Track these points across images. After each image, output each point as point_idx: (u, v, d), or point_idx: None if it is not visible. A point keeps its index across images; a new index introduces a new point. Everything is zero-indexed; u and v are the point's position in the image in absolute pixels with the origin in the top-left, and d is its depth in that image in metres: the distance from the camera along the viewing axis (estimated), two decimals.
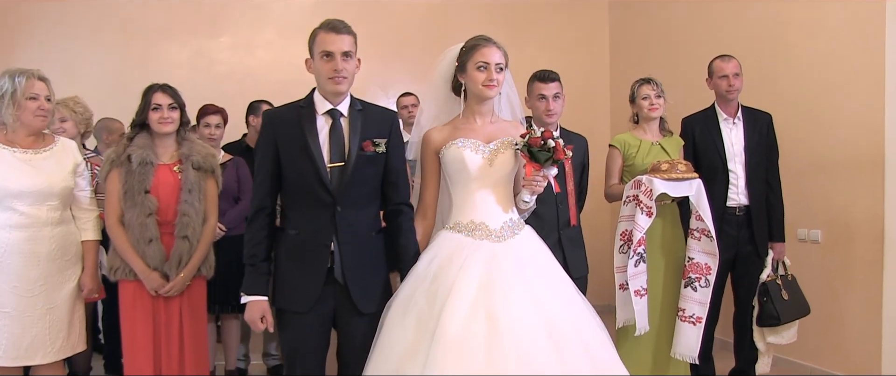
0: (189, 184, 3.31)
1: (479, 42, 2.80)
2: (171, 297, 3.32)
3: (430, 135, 2.88)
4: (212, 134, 4.40)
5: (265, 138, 2.71)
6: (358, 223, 2.70)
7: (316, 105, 2.70)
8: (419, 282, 2.63)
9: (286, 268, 2.70)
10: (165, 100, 3.33)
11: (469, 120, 2.87)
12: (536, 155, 2.70)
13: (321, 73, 2.65)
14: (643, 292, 3.67)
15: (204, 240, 3.38)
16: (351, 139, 2.68)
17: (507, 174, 2.82)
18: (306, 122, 2.65)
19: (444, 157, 2.82)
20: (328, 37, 2.63)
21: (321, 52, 2.62)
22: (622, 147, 3.96)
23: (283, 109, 2.77)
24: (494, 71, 2.76)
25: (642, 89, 3.96)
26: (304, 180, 2.64)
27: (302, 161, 2.63)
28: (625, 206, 3.77)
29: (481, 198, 2.78)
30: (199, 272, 3.40)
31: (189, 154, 3.37)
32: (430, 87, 3.00)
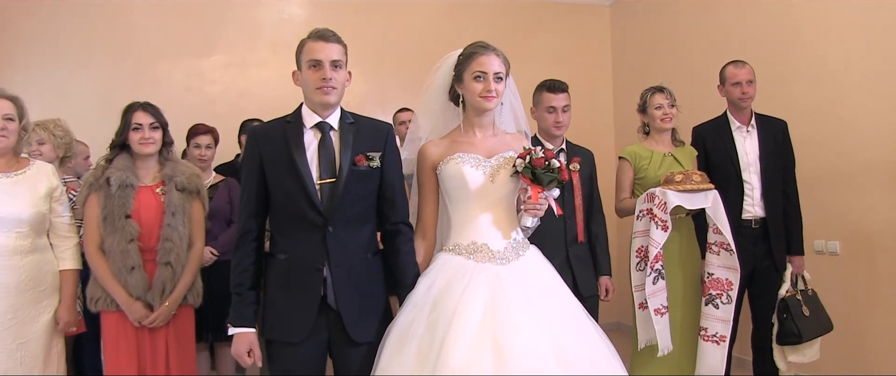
0: (172, 207, 3.13)
1: (476, 50, 2.62)
2: (157, 328, 3.13)
3: (427, 149, 2.70)
4: (202, 154, 4.27)
5: (249, 156, 2.54)
6: (352, 244, 2.51)
7: (303, 119, 2.52)
8: (418, 309, 2.43)
9: (276, 295, 2.50)
10: (146, 120, 3.15)
11: (468, 133, 2.69)
12: (540, 176, 2.51)
13: (309, 84, 2.47)
14: (664, 310, 3.50)
15: (189, 266, 3.19)
16: (342, 154, 2.49)
17: (511, 191, 2.64)
18: (293, 137, 2.47)
19: (442, 173, 2.64)
20: (316, 45, 2.46)
21: (309, 61, 2.46)
22: (633, 159, 3.79)
23: (269, 125, 2.60)
24: (493, 81, 2.58)
25: (654, 98, 3.79)
26: (291, 200, 2.45)
27: (289, 179, 2.45)
28: (638, 221, 3.60)
29: (483, 218, 2.59)
30: (186, 300, 3.21)
31: (172, 175, 3.19)
32: (426, 98, 2.81)
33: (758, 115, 4.02)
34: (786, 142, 4.00)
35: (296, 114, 2.55)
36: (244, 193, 2.54)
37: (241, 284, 2.49)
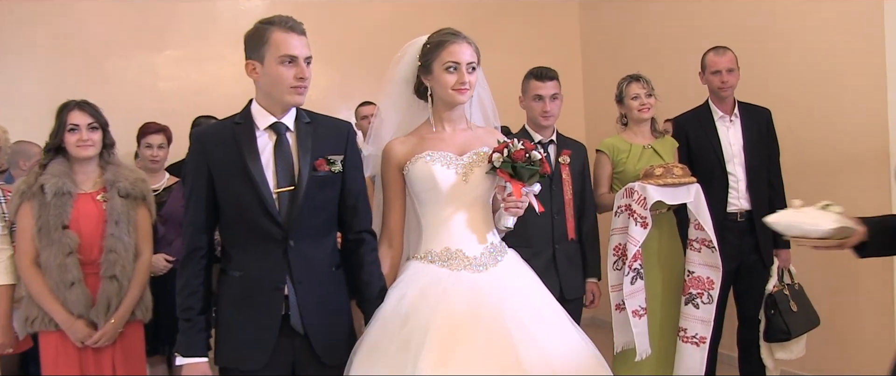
0: (116, 215, 2.87)
1: (446, 37, 2.39)
2: (102, 348, 2.87)
3: (392, 147, 2.47)
4: (154, 155, 4.03)
5: (195, 164, 2.25)
6: (315, 259, 2.27)
7: (255, 119, 2.25)
8: (388, 324, 2.22)
9: (230, 318, 2.24)
10: (84, 120, 2.89)
11: (437, 128, 2.47)
12: (520, 171, 2.29)
13: (280, 81, 2.18)
14: (642, 312, 3.34)
15: (137, 278, 2.94)
16: (301, 158, 2.24)
17: (487, 191, 2.43)
18: (244, 141, 2.21)
19: (410, 174, 2.41)
20: (289, 38, 2.17)
21: (282, 57, 2.16)
22: (611, 152, 3.61)
23: (215, 127, 2.34)
24: (466, 72, 2.36)
25: (631, 88, 3.62)
26: (246, 211, 2.19)
27: (242, 188, 2.18)
28: (616, 218, 3.42)
29: (456, 221, 2.38)
30: (134, 316, 2.96)
31: (114, 180, 2.93)
32: (389, 91, 2.58)
33: (741, 104, 3.86)
34: (770, 131, 3.85)
35: (245, 113, 2.28)
36: (190, 204, 2.25)
37: (190, 308, 2.22)
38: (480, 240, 2.37)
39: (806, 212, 2.01)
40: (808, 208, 2.04)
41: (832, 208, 2.01)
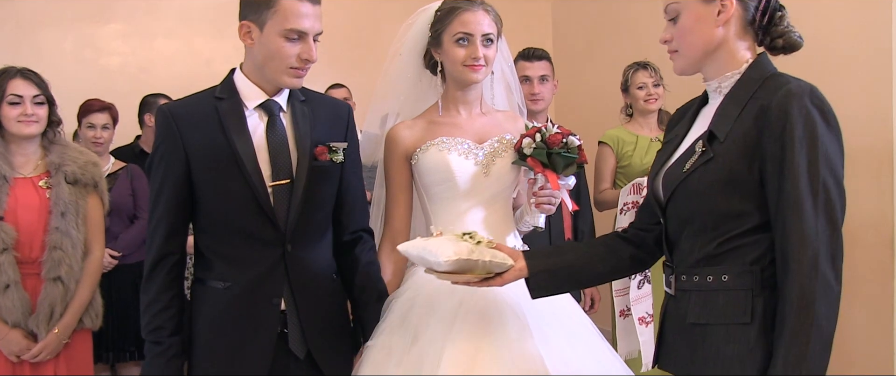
0: (62, 205, 2.46)
1: (459, 4, 2.04)
2: (42, 362, 2.48)
3: (398, 133, 2.10)
4: (97, 136, 3.63)
5: (166, 149, 1.83)
6: (315, 265, 1.90)
7: (242, 95, 1.85)
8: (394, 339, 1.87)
9: (211, 340, 1.85)
10: (28, 91, 2.49)
11: (450, 111, 2.12)
12: (556, 159, 1.97)
13: (279, 57, 1.79)
14: (649, 319, 3.10)
15: (86, 280, 2.54)
16: (298, 144, 1.86)
17: (509, 185, 2.11)
18: (231, 121, 1.81)
19: (420, 164, 2.06)
20: (302, 7, 1.77)
21: (288, 30, 1.76)
22: (615, 145, 3.36)
23: (190, 103, 1.89)
24: (480, 45, 2.01)
25: (637, 76, 3.39)
26: (233, 209, 1.82)
27: (230, 180, 1.80)
28: (622, 216, 3.16)
29: (473, 221, 2.04)
30: (82, 324, 2.56)
31: (60, 163, 2.52)
32: (394, 67, 2.23)
33: None
34: None
35: (228, 86, 1.86)
36: (158, 203, 1.84)
37: (160, 328, 1.83)
38: (501, 242, 2.04)
39: (437, 240, 1.67)
40: (443, 236, 1.69)
41: (471, 238, 1.67)
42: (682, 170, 1.54)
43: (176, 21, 5.18)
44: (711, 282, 1.52)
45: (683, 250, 1.58)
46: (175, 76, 4.89)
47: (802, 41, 1.60)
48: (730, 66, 1.56)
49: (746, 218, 1.49)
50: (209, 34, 5.14)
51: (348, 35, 5.15)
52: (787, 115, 1.41)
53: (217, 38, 5.10)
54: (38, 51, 4.78)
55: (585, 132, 3.46)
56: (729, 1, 1.53)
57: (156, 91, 4.38)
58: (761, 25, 1.58)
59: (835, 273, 1.40)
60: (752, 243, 1.49)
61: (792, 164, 1.41)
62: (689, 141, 1.61)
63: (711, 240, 1.52)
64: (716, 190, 1.49)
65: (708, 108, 1.63)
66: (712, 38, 1.55)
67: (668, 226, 1.64)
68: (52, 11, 4.89)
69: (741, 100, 1.50)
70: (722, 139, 1.49)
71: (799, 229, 1.39)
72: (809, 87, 1.46)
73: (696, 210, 1.53)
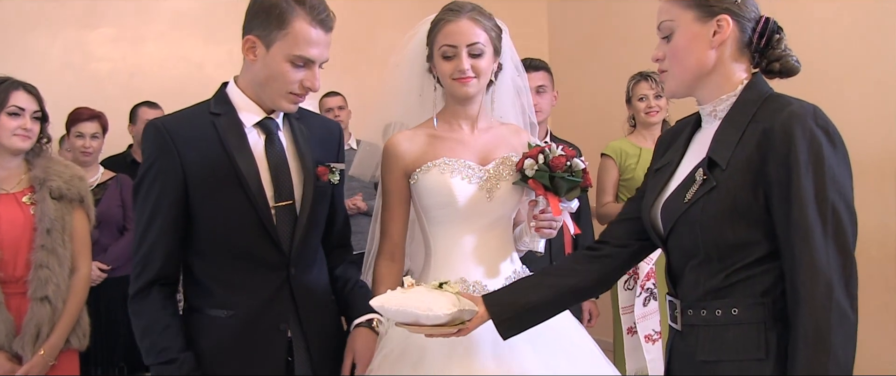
0: (47, 222, 2.36)
1: (443, 15, 1.95)
2: None
3: (397, 145, 1.99)
4: (86, 146, 3.54)
5: (161, 167, 1.69)
6: (317, 289, 1.83)
7: (239, 110, 1.75)
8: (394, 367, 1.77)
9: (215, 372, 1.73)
10: (30, 105, 2.42)
11: (451, 125, 2.01)
12: (559, 183, 1.88)
13: (280, 81, 1.70)
14: (656, 337, 3.07)
15: (72, 299, 2.43)
16: (302, 164, 1.79)
17: (512, 208, 2.01)
18: (231, 137, 1.71)
19: (420, 185, 1.95)
20: (313, 35, 1.68)
21: (295, 56, 1.67)
22: (618, 157, 3.28)
23: (184, 118, 1.76)
24: (466, 57, 1.89)
25: (638, 88, 3.31)
26: (236, 231, 1.71)
27: (232, 200, 1.69)
28: None
29: (474, 246, 1.94)
30: (69, 344, 2.45)
31: (44, 178, 2.42)
32: (394, 79, 2.14)
33: None
34: None
35: (223, 101, 1.76)
36: (151, 225, 1.69)
37: (168, 348, 1.68)
38: (504, 269, 1.96)
39: (417, 292, 1.57)
40: (420, 287, 1.58)
41: (448, 287, 1.58)
42: (682, 201, 1.46)
43: (167, 25, 5.06)
44: (720, 316, 1.43)
45: (688, 283, 1.50)
46: (166, 81, 4.80)
47: (800, 66, 1.53)
48: (724, 89, 1.49)
49: (754, 247, 1.41)
50: (201, 38, 5.03)
51: (342, 40, 4.98)
52: (791, 138, 1.34)
53: (209, 43, 5.00)
54: (25, 56, 4.65)
55: (582, 141, 3.41)
56: (725, 21, 1.46)
57: (147, 97, 4.30)
58: (758, 48, 1.50)
59: (850, 301, 1.33)
60: (761, 274, 1.41)
61: (798, 190, 1.34)
62: (685, 168, 1.53)
63: (718, 271, 1.44)
64: (721, 220, 1.41)
65: (703, 133, 1.55)
66: (706, 60, 1.49)
67: (669, 259, 1.56)
68: (40, 15, 4.75)
69: (740, 124, 1.43)
70: (724, 166, 1.41)
71: (809, 258, 1.32)
72: (812, 108, 1.39)
73: (700, 241, 1.45)
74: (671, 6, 1.52)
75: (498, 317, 1.60)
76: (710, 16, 1.47)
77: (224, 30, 5.03)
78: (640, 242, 1.66)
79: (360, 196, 4.12)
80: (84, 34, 4.89)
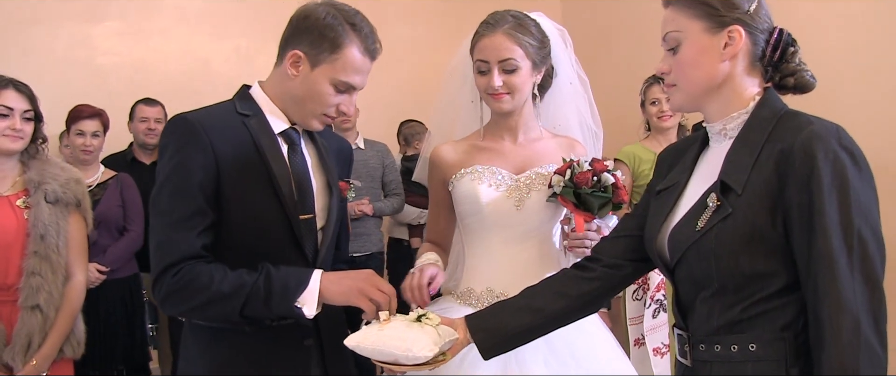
0: (41, 227, 2.27)
1: (478, 30, 1.91)
2: None
3: (440, 154, 1.99)
4: (87, 144, 3.44)
5: (192, 159, 1.53)
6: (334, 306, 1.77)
7: (267, 117, 1.66)
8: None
9: None
10: (20, 104, 2.31)
11: (495, 137, 1.99)
12: (587, 199, 1.80)
13: (318, 102, 1.63)
14: (664, 350, 2.97)
15: (66, 307, 2.35)
16: (327, 178, 1.74)
17: (546, 221, 1.93)
18: (264, 140, 1.62)
19: (455, 192, 1.94)
20: (363, 64, 1.63)
21: (340, 80, 1.61)
22: (631, 162, 3.19)
23: (213, 114, 1.63)
24: (498, 72, 1.84)
25: (651, 91, 3.22)
26: (265, 238, 1.61)
27: (264, 206, 1.59)
28: None
29: (504, 257, 1.90)
30: (62, 353, 2.37)
31: (40, 181, 2.33)
32: (450, 85, 2.11)
33: None
34: None
35: (249, 104, 1.67)
36: (184, 199, 1.52)
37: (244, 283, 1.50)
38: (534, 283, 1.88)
39: (394, 328, 1.45)
40: (396, 321, 1.46)
41: (427, 320, 1.46)
42: (693, 229, 1.34)
43: (173, 20, 4.96)
44: (736, 351, 1.31)
45: (700, 316, 1.38)
46: (171, 77, 4.72)
47: (815, 82, 1.41)
48: (735, 106, 1.37)
49: (772, 279, 1.29)
50: (208, 34, 4.94)
51: None
52: (813, 160, 1.23)
53: (216, 38, 4.92)
54: (28, 50, 4.58)
55: None
56: (737, 33, 1.34)
57: (151, 92, 4.22)
58: (771, 61, 1.39)
59: (879, 337, 1.21)
60: (781, 307, 1.29)
61: (821, 216, 1.22)
62: (693, 191, 1.41)
63: (734, 304, 1.32)
64: (736, 249, 1.29)
65: (711, 153, 1.43)
66: (716, 74, 1.36)
67: (677, 289, 1.44)
68: (43, 9, 4.65)
69: (755, 145, 1.31)
70: (739, 191, 1.29)
71: (834, 292, 1.21)
72: (835, 128, 1.27)
73: (713, 272, 1.33)
74: (678, 16, 1.41)
75: (481, 344, 1.52)
76: (720, 27, 1.35)
77: (231, 25, 4.95)
78: (635, 264, 1.55)
79: (366, 200, 4.05)
80: (88, 28, 4.80)
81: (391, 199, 4.23)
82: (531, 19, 1.92)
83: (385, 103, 5.12)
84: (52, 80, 4.45)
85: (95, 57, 4.80)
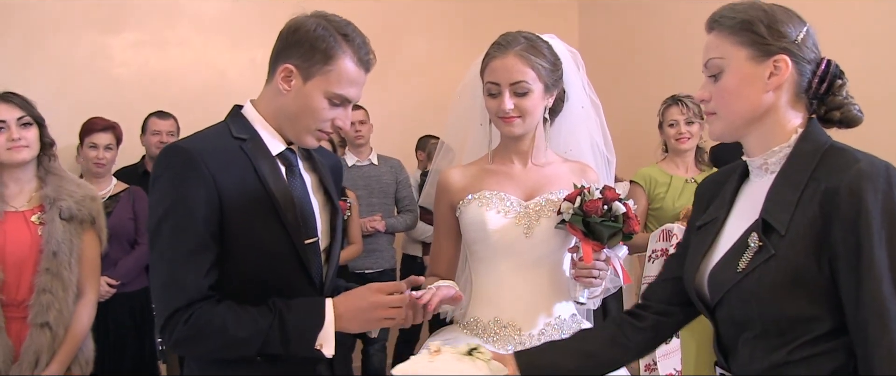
0: (54, 244, 2.25)
1: (489, 51, 1.87)
2: None
3: (448, 178, 1.95)
4: (100, 157, 3.43)
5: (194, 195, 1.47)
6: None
7: (264, 139, 1.61)
8: None
9: None
10: (11, 114, 2.28)
11: (504, 160, 1.95)
12: (596, 228, 1.75)
13: (312, 117, 1.58)
14: None
15: (76, 325, 2.33)
16: (326, 199, 1.70)
17: (556, 248, 1.88)
18: (264, 165, 1.56)
19: (462, 217, 1.90)
20: (357, 75, 1.58)
21: (334, 93, 1.56)
22: (647, 184, 3.13)
23: (208, 139, 1.57)
24: (509, 95, 1.80)
25: (669, 113, 3.16)
26: (271, 267, 1.56)
27: (268, 233, 1.54)
28: (650, 264, 2.96)
29: (512, 285, 1.86)
30: (70, 371, 2.34)
31: (55, 197, 2.31)
32: (459, 106, 2.09)
33: None
34: None
35: (244, 126, 1.60)
36: (188, 235, 1.46)
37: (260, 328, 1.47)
38: (543, 313, 1.85)
39: (445, 361, 1.42)
40: (447, 354, 1.44)
41: (479, 354, 1.43)
42: (734, 270, 1.29)
43: (190, 30, 4.98)
44: None
45: (743, 357, 1.33)
46: (188, 88, 4.73)
47: (863, 116, 1.36)
48: (777, 138, 1.32)
49: (817, 323, 1.24)
50: (224, 45, 4.95)
51: None
52: (861, 201, 1.18)
53: (232, 49, 4.93)
54: (48, 59, 4.59)
55: None
56: (784, 62, 1.29)
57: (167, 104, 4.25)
58: (817, 94, 1.34)
59: None
60: (829, 351, 1.24)
61: (870, 261, 1.17)
62: (733, 228, 1.37)
63: (778, 347, 1.27)
64: (780, 292, 1.24)
65: (751, 187, 1.39)
66: (759, 104, 1.31)
67: (718, 329, 1.39)
68: (63, 18, 4.67)
69: (798, 182, 1.26)
70: (782, 232, 1.24)
71: (886, 343, 1.15)
72: (884, 165, 1.22)
73: (756, 314, 1.28)
74: (721, 42, 1.35)
75: (525, 371, 1.48)
76: (766, 55, 1.30)
77: (248, 37, 4.95)
78: (684, 310, 1.49)
79: (378, 216, 4.02)
80: (107, 38, 4.82)
81: (404, 216, 4.21)
82: (544, 41, 1.87)
83: (402, 118, 5.11)
84: (70, 89, 4.47)
85: (113, 67, 4.81)
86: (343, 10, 1.75)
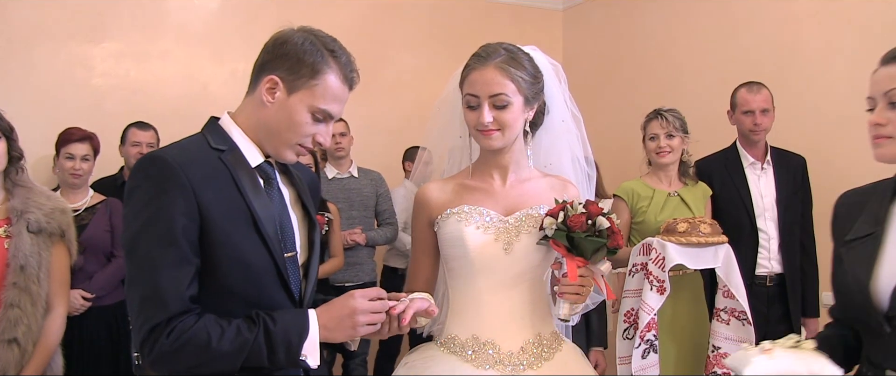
0: (21, 258, 2.21)
1: (469, 63, 1.84)
2: None
3: (427, 193, 1.92)
4: (76, 168, 3.39)
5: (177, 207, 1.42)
6: None
7: (243, 151, 1.58)
8: None
9: None
10: None
11: (483, 175, 1.92)
12: (580, 244, 1.72)
13: (293, 130, 1.55)
14: None
15: (44, 341, 2.28)
16: (305, 212, 1.68)
17: (537, 265, 1.86)
18: (245, 178, 1.54)
19: (440, 233, 1.87)
20: (341, 92, 1.57)
21: (318, 108, 1.54)
22: (629, 198, 3.11)
23: (188, 149, 1.53)
24: (488, 108, 1.78)
25: (650, 127, 3.16)
26: (252, 282, 1.52)
27: (248, 247, 1.50)
28: (630, 278, 2.93)
29: (491, 303, 1.82)
30: None
31: (23, 210, 2.26)
32: (438, 119, 2.05)
33: (774, 149, 3.39)
34: (805, 182, 3.40)
35: (222, 138, 1.57)
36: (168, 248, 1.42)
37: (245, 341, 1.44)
38: (523, 331, 1.82)
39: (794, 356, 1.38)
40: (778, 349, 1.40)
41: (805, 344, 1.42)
42: None
43: (173, 42, 4.92)
44: None
45: None
46: (169, 100, 4.67)
47: None
48: None
49: None
50: (207, 57, 4.90)
51: None
52: None
53: (215, 62, 4.88)
54: (30, 68, 4.53)
55: None
56: None
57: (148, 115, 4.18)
58: None
59: None
60: None
61: None
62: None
63: None
64: None
65: None
66: None
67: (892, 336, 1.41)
68: (46, 28, 4.61)
69: None
70: None
71: None
72: None
73: None
74: None
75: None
76: None
77: (231, 49, 4.91)
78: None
79: (359, 229, 3.99)
80: (88, 48, 4.76)
81: (384, 228, 4.18)
82: (524, 53, 1.85)
83: (385, 131, 5.08)
84: (49, 98, 4.43)
85: (94, 77, 4.75)
86: (327, 23, 1.74)
